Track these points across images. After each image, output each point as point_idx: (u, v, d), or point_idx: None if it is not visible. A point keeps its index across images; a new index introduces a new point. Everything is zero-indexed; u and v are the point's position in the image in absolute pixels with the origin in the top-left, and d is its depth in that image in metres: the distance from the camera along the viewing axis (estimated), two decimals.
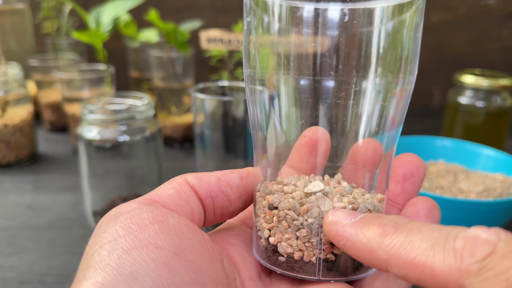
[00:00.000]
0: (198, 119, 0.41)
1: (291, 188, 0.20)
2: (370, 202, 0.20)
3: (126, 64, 0.91)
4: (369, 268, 0.21)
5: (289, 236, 0.20)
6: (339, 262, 0.20)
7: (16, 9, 0.79)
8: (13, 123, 0.62)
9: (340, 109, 0.20)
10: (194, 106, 0.41)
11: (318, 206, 0.19)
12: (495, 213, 0.41)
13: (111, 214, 0.19)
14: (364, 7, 0.17)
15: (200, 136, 0.42)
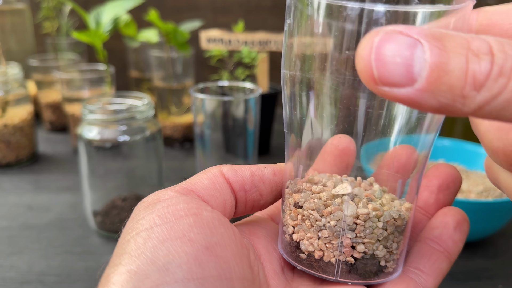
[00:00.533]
0: (198, 119, 0.41)
1: (319, 188, 0.21)
2: (396, 210, 0.20)
3: (126, 64, 0.91)
4: (390, 274, 0.21)
5: (311, 235, 0.20)
6: (358, 266, 0.20)
7: (16, 9, 0.79)
8: (13, 123, 0.62)
9: (375, 112, 0.20)
10: (194, 106, 0.41)
11: (342, 209, 0.20)
12: (494, 213, 0.41)
13: (149, 200, 0.20)
14: (407, 10, 0.17)
15: (200, 136, 0.42)
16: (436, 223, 0.22)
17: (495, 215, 0.41)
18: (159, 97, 0.72)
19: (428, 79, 0.13)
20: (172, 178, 0.61)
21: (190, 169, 0.64)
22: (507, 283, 0.39)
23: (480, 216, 0.40)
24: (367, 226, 0.20)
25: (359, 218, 0.19)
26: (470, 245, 0.45)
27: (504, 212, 0.41)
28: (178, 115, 0.72)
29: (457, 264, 0.42)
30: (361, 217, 0.19)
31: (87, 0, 0.93)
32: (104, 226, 0.45)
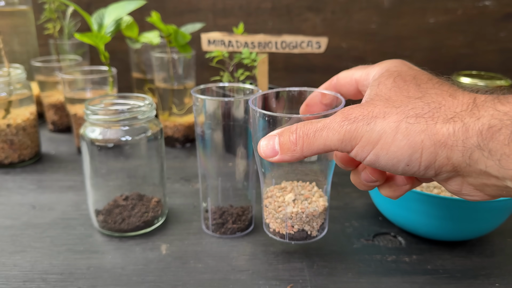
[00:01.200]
0: (198, 120, 0.42)
1: (278, 196, 0.39)
2: (315, 207, 0.38)
3: (128, 65, 0.91)
4: (313, 238, 0.39)
5: (273, 221, 0.39)
6: (295, 235, 0.39)
7: (19, 10, 0.79)
8: (16, 123, 0.63)
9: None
10: (195, 106, 0.42)
11: (285, 209, 0.38)
12: (491, 212, 0.41)
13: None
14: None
15: (201, 136, 0.42)
16: None
17: (492, 214, 0.41)
18: (160, 98, 0.72)
19: (280, 150, 0.30)
20: (174, 177, 0.61)
21: (191, 169, 0.64)
22: (504, 282, 0.39)
23: (477, 215, 0.41)
24: (298, 217, 0.38)
25: (293, 213, 0.38)
26: (467, 244, 0.45)
27: (501, 211, 0.41)
28: (179, 116, 0.73)
29: (454, 263, 0.42)
30: (294, 213, 0.38)
31: (89, 2, 0.94)
32: (106, 225, 0.46)
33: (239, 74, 0.67)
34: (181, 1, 0.94)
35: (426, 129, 0.25)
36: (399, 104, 0.27)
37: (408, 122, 0.25)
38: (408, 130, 0.25)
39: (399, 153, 0.26)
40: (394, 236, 0.47)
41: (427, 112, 0.25)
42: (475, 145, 0.23)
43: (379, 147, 0.26)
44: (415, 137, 0.25)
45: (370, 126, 0.26)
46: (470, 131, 0.24)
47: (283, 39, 0.64)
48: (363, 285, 0.39)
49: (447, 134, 0.24)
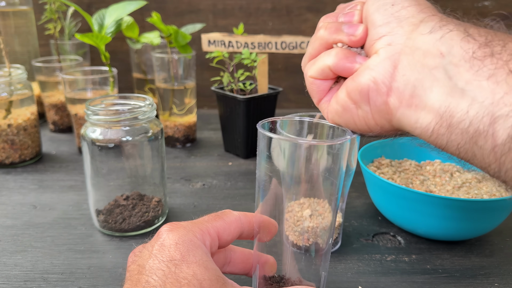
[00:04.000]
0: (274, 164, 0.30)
1: (297, 211, 0.36)
2: (327, 222, 0.35)
3: (129, 65, 0.92)
4: (323, 249, 0.35)
5: (292, 233, 0.35)
6: (310, 246, 0.35)
7: (20, 11, 0.80)
8: (17, 123, 0.63)
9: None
10: (268, 148, 0.30)
11: (302, 223, 0.35)
12: (490, 211, 0.41)
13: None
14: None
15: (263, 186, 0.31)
16: None
17: (491, 214, 0.41)
18: (161, 98, 0.72)
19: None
20: (174, 177, 0.61)
21: (192, 169, 0.65)
22: (503, 281, 0.39)
23: (476, 214, 0.41)
24: (312, 231, 0.34)
25: (309, 228, 0.34)
26: (467, 244, 0.46)
27: (500, 211, 0.42)
28: (179, 116, 0.73)
29: (453, 263, 0.42)
30: (309, 228, 0.34)
31: (90, 3, 0.94)
32: (107, 225, 0.46)
33: (239, 74, 0.67)
34: (182, 1, 0.94)
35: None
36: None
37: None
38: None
39: None
40: (393, 235, 0.47)
41: None
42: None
43: None
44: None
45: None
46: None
47: (283, 40, 0.64)
48: (363, 284, 0.39)
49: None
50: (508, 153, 0.20)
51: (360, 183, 0.58)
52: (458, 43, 0.22)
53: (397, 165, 0.54)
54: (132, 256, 0.28)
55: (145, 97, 0.47)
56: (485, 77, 0.20)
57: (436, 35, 0.23)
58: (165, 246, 0.26)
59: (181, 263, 0.25)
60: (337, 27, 0.28)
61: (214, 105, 0.97)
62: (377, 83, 0.25)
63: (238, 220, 0.31)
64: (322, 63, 0.28)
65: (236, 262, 0.33)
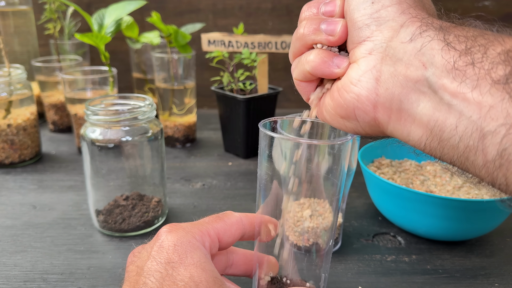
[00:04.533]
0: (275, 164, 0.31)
1: (296, 211, 0.35)
2: (327, 222, 0.35)
3: (129, 65, 0.92)
4: (324, 249, 0.35)
5: (292, 234, 0.36)
6: (310, 247, 0.35)
7: (19, 10, 0.79)
8: (17, 123, 0.63)
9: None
10: (270, 146, 0.30)
11: (302, 223, 0.36)
12: (491, 212, 0.41)
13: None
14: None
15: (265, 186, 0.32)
16: None
17: (491, 214, 0.41)
18: (160, 98, 0.72)
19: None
20: (174, 177, 0.61)
21: (191, 169, 0.65)
22: (504, 282, 0.39)
23: (476, 215, 0.41)
24: (313, 231, 0.35)
25: (309, 228, 0.34)
26: (467, 244, 0.46)
27: (500, 211, 0.42)
28: (179, 116, 0.73)
29: (453, 263, 0.42)
30: (309, 228, 0.34)
31: (89, 2, 0.94)
32: (107, 225, 0.46)
33: (239, 74, 0.67)
34: (181, 1, 0.94)
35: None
36: None
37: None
38: None
39: None
40: (393, 236, 0.47)
41: None
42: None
43: None
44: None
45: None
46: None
47: (283, 39, 0.64)
48: (363, 285, 0.39)
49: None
50: (499, 169, 0.19)
51: (360, 183, 0.58)
52: (439, 52, 0.21)
53: (398, 165, 0.54)
54: (131, 256, 0.28)
55: (144, 97, 0.47)
56: (470, 89, 0.20)
57: (416, 44, 0.22)
58: (163, 247, 0.26)
59: (179, 265, 0.24)
60: (316, 27, 0.27)
61: (214, 105, 0.97)
62: (361, 101, 0.25)
63: (239, 221, 0.31)
64: (302, 68, 0.28)
65: (238, 264, 0.33)
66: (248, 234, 0.32)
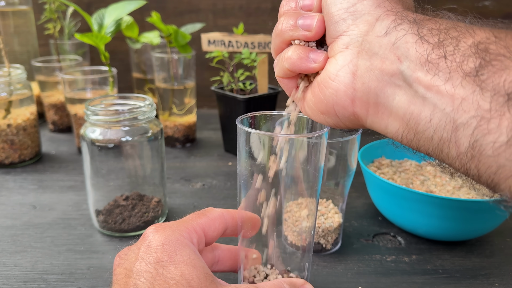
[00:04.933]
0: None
1: (296, 210, 0.36)
2: (330, 222, 0.41)
3: (129, 65, 0.92)
4: (327, 250, 0.41)
5: (291, 234, 0.38)
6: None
7: (19, 10, 0.79)
8: (17, 123, 0.63)
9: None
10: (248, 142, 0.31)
11: (301, 223, 0.35)
12: (491, 212, 0.41)
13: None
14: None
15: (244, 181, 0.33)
16: None
17: (491, 214, 0.41)
18: (160, 98, 0.72)
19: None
20: (174, 177, 0.61)
21: (191, 169, 0.65)
22: (504, 282, 0.39)
23: (476, 215, 0.41)
24: (311, 230, 0.34)
25: (308, 227, 0.33)
26: (467, 244, 0.46)
27: (500, 211, 0.41)
28: (179, 116, 0.73)
29: (453, 263, 0.42)
30: (308, 227, 0.33)
31: (89, 2, 0.94)
32: (107, 225, 0.46)
33: (239, 74, 0.67)
34: (182, 1, 0.94)
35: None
36: None
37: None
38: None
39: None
40: (393, 236, 0.47)
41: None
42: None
43: None
44: None
45: None
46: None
47: None
48: (363, 285, 0.39)
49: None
50: (471, 161, 0.20)
51: (360, 183, 0.58)
52: (413, 46, 0.22)
53: (398, 165, 0.54)
54: (118, 259, 0.28)
55: (144, 97, 0.47)
56: (443, 81, 0.20)
57: (391, 38, 0.22)
58: (151, 247, 0.26)
59: (169, 264, 0.24)
60: (293, 23, 0.27)
61: (214, 105, 0.97)
62: (339, 96, 0.25)
63: (221, 216, 0.31)
64: (281, 65, 0.28)
65: (224, 260, 0.33)
66: (230, 229, 0.32)
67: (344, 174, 0.41)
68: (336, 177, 0.41)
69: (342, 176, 0.41)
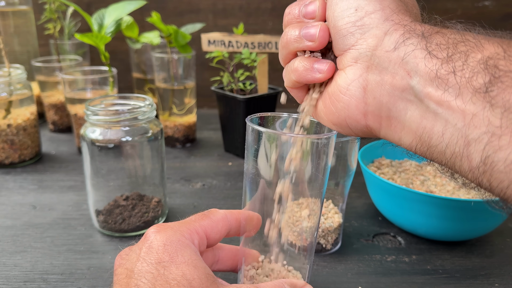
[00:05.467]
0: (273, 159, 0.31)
1: (295, 211, 0.34)
2: (330, 222, 0.42)
3: (129, 65, 0.92)
4: (328, 250, 0.42)
5: (290, 233, 0.34)
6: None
7: (19, 10, 0.79)
8: (17, 123, 0.63)
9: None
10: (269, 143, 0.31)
11: (301, 223, 0.34)
12: (491, 212, 0.41)
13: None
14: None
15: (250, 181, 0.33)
16: None
17: (491, 214, 0.41)
18: (160, 98, 0.72)
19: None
20: (174, 177, 0.61)
21: (191, 169, 0.65)
22: (504, 282, 0.39)
23: (476, 215, 0.41)
24: (313, 230, 0.34)
25: (308, 227, 0.33)
26: (467, 244, 0.46)
27: (500, 211, 0.41)
28: (179, 116, 0.73)
29: (453, 263, 0.42)
30: (310, 228, 0.33)
31: (89, 2, 0.94)
32: (107, 225, 0.46)
33: (239, 74, 0.67)
34: (182, 1, 0.94)
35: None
36: None
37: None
38: None
39: None
40: (393, 236, 0.47)
41: None
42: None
43: None
44: None
45: None
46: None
47: None
48: (363, 285, 0.39)
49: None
50: (483, 175, 0.20)
51: (360, 183, 0.58)
52: (422, 61, 0.22)
53: (398, 165, 0.54)
54: (119, 259, 0.28)
55: (144, 97, 0.47)
56: (453, 97, 0.20)
57: (400, 53, 0.23)
58: (153, 248, 0.26)
59: (170, 264, 0.24)
60: (297, 34, 0.27)
61: (214, 105, 0.97)
62: (351, 110, 0.25)
63: (225, 218, 0.31)
64: (289, 76, 0.28)
65: (224, 260, 0.33)
66: (233, 230, 0.32)
67: (344, 174, 0.41)
68: (336, 177, 0.41)
69: (342, 176, 0.41)
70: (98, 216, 0.47)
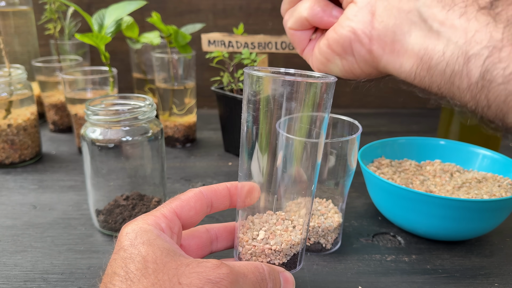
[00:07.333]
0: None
1: (296, 210, 0.34)
2: (330, 222, 0.42)
3: (129, 65, 0.92)
4: (328, 250, 0.43)
5: None
6: (312, 246, 0.43)
7: (19, 11, 0.80)
8: (17, 123, 0.63)
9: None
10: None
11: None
12: (491, 211, 0.41)
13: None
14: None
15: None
16: None
17: (491, 214, 0.41)
18: (160, 98, 0.72)
19: None
20: (174, 177, 0.61)
21: (192, 169, 0.65)
22: (503, 282, 0.39)
23: (476, 214, 0.41)
24: (314, 230, 0.40)
25: (310, 227, 0.35)
26: (467, 244, 0.46)
27: (500, 211, 0.42)
28: (179, 116, 0.73)
29: (453, 263, 0.42)
30: (310, 227, 0.35)
31: (90, 3, 0.94)
32: (107, 225, 0.46)
33: (239, 74, 0.67)
34: (182, 1, 0.94)
35: None
36: None
37: None
38: None
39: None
40: (393, 236, 0.47)
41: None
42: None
43: None
44: None
45: None
46: None
47: (283, 40, 0.64)
48: (363, 284, 0.39)
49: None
50: (481, 91, 0.20)
51: (360, 183, 0.58)
52: None
53: (397, 165, 0.54)
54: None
55: (145, 97, 0.47)
56: (457, 16, 0.21)
57: None
58: (119, 239, 0.28)
59: (129, 247, 0.26)
60: None
61: (214, 105, 0.97)
62: (357, 34, 0.26)
63: (197, 194, 0.31)
64: (299, 15, 0.29)
65: (223, 237, 0.33)
66: (217, 203, 0.32)
67: (344, 174, 0.41)
68: (336, 177, 0.41)
69: (342, 176, 0.41)
70: (98, 216, 0.47)
